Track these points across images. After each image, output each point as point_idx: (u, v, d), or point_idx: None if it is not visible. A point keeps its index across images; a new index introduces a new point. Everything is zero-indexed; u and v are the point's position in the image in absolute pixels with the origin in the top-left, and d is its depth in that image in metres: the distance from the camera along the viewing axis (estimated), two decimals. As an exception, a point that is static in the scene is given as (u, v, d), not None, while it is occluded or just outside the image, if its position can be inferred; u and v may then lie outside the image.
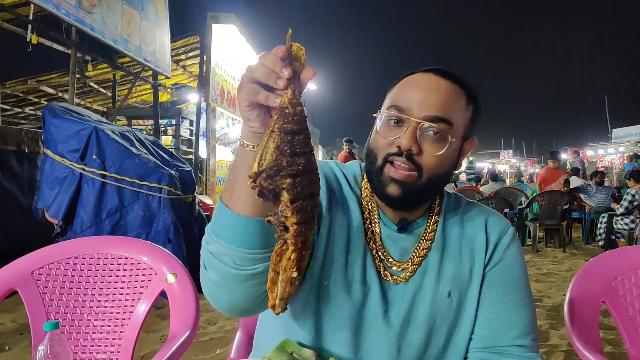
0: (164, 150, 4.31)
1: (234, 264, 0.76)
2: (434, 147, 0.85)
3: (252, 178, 0.63)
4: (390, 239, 0.94)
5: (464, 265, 0.93)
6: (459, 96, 0.88)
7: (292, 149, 0.63)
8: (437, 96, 0.85)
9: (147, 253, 1.43)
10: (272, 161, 0.62)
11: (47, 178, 3.47)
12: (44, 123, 3.54)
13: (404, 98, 0.87)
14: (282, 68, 0.65)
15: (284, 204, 0.63)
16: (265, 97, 0.66)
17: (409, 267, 0.92)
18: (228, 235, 0.75)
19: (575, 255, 6.44)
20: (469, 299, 0.92)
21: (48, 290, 1.35)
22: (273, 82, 0.65)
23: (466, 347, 0.92)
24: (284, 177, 0.62)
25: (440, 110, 0.85)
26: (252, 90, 0.67)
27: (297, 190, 0.63)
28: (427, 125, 0.84)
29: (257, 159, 0.63)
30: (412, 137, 0.83)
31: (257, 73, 0.66)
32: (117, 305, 1.38)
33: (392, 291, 0.91)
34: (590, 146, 27.06)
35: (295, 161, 0.63)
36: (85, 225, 3.42)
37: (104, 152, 3.53)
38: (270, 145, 0.63)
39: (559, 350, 2.89)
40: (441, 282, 0.91)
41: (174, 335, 1.27)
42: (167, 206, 3.65)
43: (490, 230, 0.96)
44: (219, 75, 9.90)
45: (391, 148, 0.86)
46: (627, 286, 1.31)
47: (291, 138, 0.63)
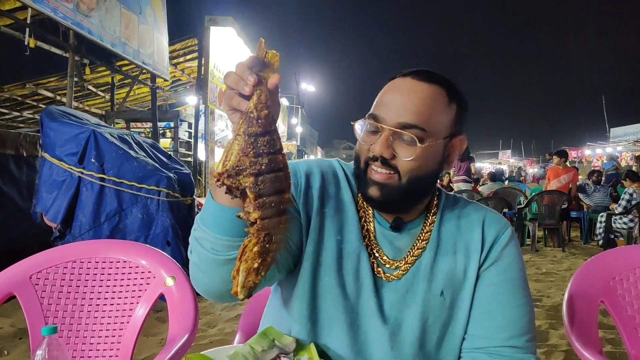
0: (162, 152, 4.30)
1: (212, 249, 0.81)
2: (406, 152, 0.87)
3: (216, 177, 0.68)
4: (385, 238, 0.95)
5: (458, 265, 0.93)
6: (438, 97, 0.88)
7: (256, 150, 0.67)
8: (410, 102, 0.86)
9: (145, 256, 1.43)
10: (235, 162, 0.67)
11: (46, 182, 3.46)
12: (42, 127, 3.54)
13: (382, 105, 0.89)
14: (248, 75, 0.69)
15: (248, 201, 0.67)
16: (237, 102, 0.70)
17: (402, 265, 0.93)
18: (210, 223, 0.81)
19: (575, 254, 6.44)
20: (463, 298, 0.92)
21: (46, 294, 1.35)
22: (241, 89, 0.69)
23: (459, 346, 0.93)
24: (246, 176, 0.67)
25: (412, 115, 0.86)
26: (229, 96, 0.71)
27: (260, 188, 0.67)
28: (398, 132, 0.86)
29: (222, 160, 0.68)
30: (384, 144, 0.86)
31: (228, 80, 0.71)
32: (116, 309, 1.38)
33: (385, 288, 0.92)
34: (588, 145, 27.11)
35: (258, 161, 0.67)
36: (84, 229, 3.41)
37: (102, 155, 3.53)
38: (235, 147, 0.68)
39: (559, 350, 2.89)
40: (434, 281, 0.92)
41: (173, 338, 1.27)
42: (166, 209, 3.65)
43: (487, 230, 0.96)
44: (217, 78, 9.90)
45: (369, 153, 0.90)
46: (625, 285, 1.31)
47: (254, 140, 0.67)
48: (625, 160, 21.34)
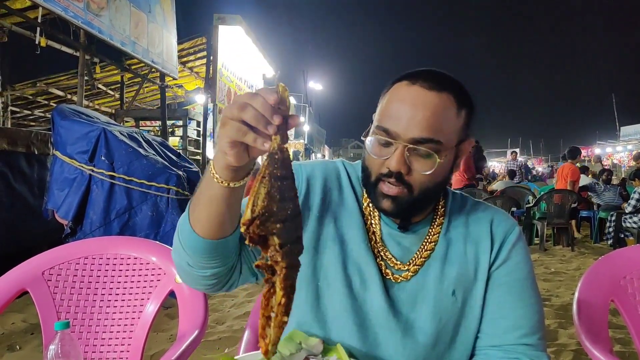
0: (171, 151, 4.33)
1: (187, 264, 0.86)
2: (423, 167, 0.85)
3: (246, 225, 0.64)
4: (392, 238, 0.95)
5: (469, 265, 0.94)
6: (448, 106, 0.85)
7: (282, 194, 0.65)
8: (423, 114, 0.83)
9: (155, 253, 1.44)
10: (264, 207, 0.64)
11: (57, 179, 3.50)
12: (53, 125, 3.58)
13: (391, 117, 0.86)
14: (272, 114, 0.65)
15: (273, 249, 0.64)
16: (253, 139, 0.66)
17: (410, 267, 0.93)
18: (185, 242, 0.83)
19: (584, 254, 6.39)
20: (474, 298, 0.93)
21: (58, 290, 1.37)
22: (263, 127, 0.66)
23: (472, 345, 0.93)
24: (274, 222, 0.64)
25: (426, 129, 0.83)
26: (240, 130, 0.67)
27: (286, 235, 0.64)
28: (414, 147, 0.84)
29: (249, 206, 0.64)
30: (400, 160, 0.84)
31: (246, 115, 0.66)
32: (127, 304, 1.39)
33: (394, 289, 0.92)
34: (598, 144, 26.83)
35: (284, 206, 0.65)
36: (95, 226, 3.44)
37: (112, 153, 3.56)
38: (261, 191, 0.64)
39: (568, 349, 2.87)
40: (445, 281, 0.92)
41: (183, 334, 1.28)
42: (176, 207, 3.67)
43: (495, 230, 0.96)
44: (225, 77, 9.94)
45: (382, 169, 0.87)
46: (636, 285, 1.30)
47: (280, 183, 0.65)
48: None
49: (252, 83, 12.53)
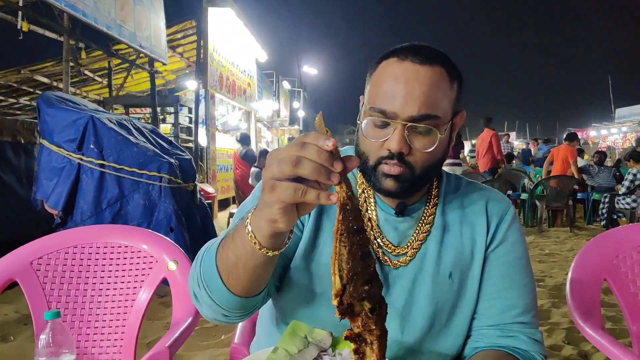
0: (162, 138, 4.28)
1: (223, 315, 0.83)
2: (425, 144, 0.83)
3: (338, 296, 0.57)
4: (389, 224, 0.93)
5: (465, 247, 0.93)
6: (442, 79, 0.83)
7: (362, 250, 0.58)
8: (418, 90, 0.81)
9: (146, 241, 1.43)
10: (350, 269, 0.57)
11: (45, 168, 3.45)
12: (39, 113, 3.51)
13: (385, 96, 0.83)
14: (332, 161, 0.57)
15: (365, 315, 0.58)
16: (316, 196, 0.57)
17: (408, 251, 0.92)
18: (221, 301, 0.79)
19: (578, 235, 6.46)
20: (471, 280, 0.93)
21: (48, 279, 1.35)
22: (325, 179, 0.57)
23: (467, 325, 0.93)
24: (362, 284, 0.57)
25: (424, 106, 0.81)
26: (297, 190, 0.57)
27: (375, 297, 0.58)
28: (414, 125, 0.82)
29: (336, 272, 0.57)
30: (400, 139, 0.81)
31: (304, 170, 0.57)
32: (119, 293, 1.38)
33: (392, 275, 0.91)
34: (593, 126, 26.90)
35: (367, 264, 0.58)
36: (86, 216, 3.41)
37: (101, 141, 3.50)
38: (343, 251, 0.57)
39: (561, 327, 2.92)
40: (442, 264, 0.92)
41: (177, 321, 1.27)
42: (168, 195, 3.64)
43: (491, 211, 0.96)
44: (217, 61, 9.82)
45: (382, 151, 0.85)
46: (629, 263, 1.31)
47: (359, 238, 0.58)
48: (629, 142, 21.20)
49: (245, 68, 12.42)
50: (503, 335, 0.90)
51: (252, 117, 13.58)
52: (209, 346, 2.70)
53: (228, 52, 10.62)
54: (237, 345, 1.27)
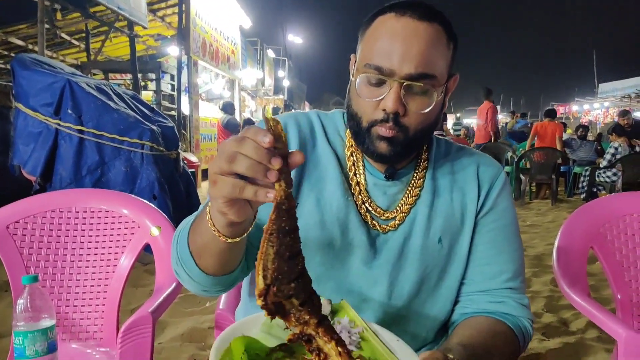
0: (144, 105, 4.16)
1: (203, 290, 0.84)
2: (421, 105, 0.81)
3: (262, 296, 0.57)
4: (377, 188, 0.91)
5: (455, 211, 0.92)
6: (440, 37, 0.81)
7: (291, 251, 0.58)
8: (417, 47, 0.78)
9: (127, 206, 1.38)
10: (274, 269, 0.57)
11: (21, 133, 3.34)
12: (13, 75, 3.37)
13: (382, 53, 0.79)
14: (270, 158, 0.55)
15: (296, 311, 0.58)
16: (253, 192, 0.57)
17: (397, 215, 0.90)
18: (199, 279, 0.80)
19: (559, 207, 6.59)
20: (460, 245, 0.92)
21: (25, 244, 1.30)
22: (262, 176, 0.56)
23: (456, 291, 0.93)
24: (288, 283, 0.58)
25: (423, 64, 0.78)
26: (235, 186, 0.57)
27: (303, 292, 0.58)
28: (411, 84, 0.79)
29: (260, 272, 0.57)
30: (397, 99, 0.78)
31: (239, 166, 0.56)
32: (100, 259, 1.35)
33: (380, 239, 0.89)
34: (576, 101, 27.11)
35: (294, 263, 0.58)
36: (65, 182, 3.33)
37: (79, 106, 3.39)
38: (270, 251, 0.57)
39: (541, 296, 2.99)
40: (431, 228, 0.90)
41: (160, 287, 1.25)
42: (150, 162, 3.57)
43: (482, 176, 0.94)
44: (199, 27, 9.55)
45: (376, 113, 0.82)
46: (615, 232, 1.32)
47: (289, 239, 0.57)
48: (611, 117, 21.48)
49: (229, 35, 12.12)
50: (492, 300, 0.90)
51: (236, 86, 13.35)
52: (193, 313, 2.70)
53: (211, 17, 10.32)
54: (222, 311, 1.26)
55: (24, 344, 0.93)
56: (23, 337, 0.93)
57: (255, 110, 17.52)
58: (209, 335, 2.38)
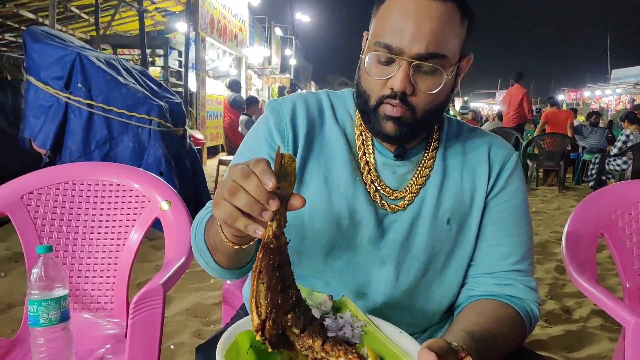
0: (152, 80, 4.14)
1: (228, 277, 0.89)
2: (429, 85, 0.80)
3: (259, 331, 0.60)
4: (387, 167, 0.91)
5: (465, 193, 0.91)
6: (453, 16, 0.79)
7: (283, 284, 0.61)
8: (428, 26, 0.76)
9: (138, 180, 1.39)
10: (267, 304, 0.60)
11: (32, 106, 3.34)
12: (25, 48, 3.35)
13: (392, 31, 0.78)
14: (268, 199, 0.58)
15: (298, 339, 0.61)
16: (244, 226, 0.60)
17: (406, 195, 0.90)
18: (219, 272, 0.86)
19: (565, 195, 6.56)
20: (469, 226, 0.91)
21: (39, 215, 1.32)
22: (257, 214, 0.59)
23: (463, 273, 0.92)
24: (284, 314, 0.61)
25: (433, 43, 0.77)
26: (230, 215, 0.60)
27: (303, 320, 0.61)
28: (421, 63, 0.78)
29: (254, 309, 0.60)
30: (405, 78, 0.78)
31: (238, 201, 0.59)
32: (111, 231, 1.36)
33: (389, 219, 0.89)
34: (588, 87, 26.62)
35: (288, 294, 0.61)
36: (74, 156, 3.34)
37: (89, 80, 3.38)
38: (261, 288, 0.60)
39: (544, 283, 3.00)
40: (440, 209, 0.90)
41: (169, 260, 1.26)
42: (158, 138, 3.57)
43: (493, 157, 0.93)
44: (208, 3, 9.43)
45: (384, 90, 0.81)
46: (627, 219, 1.31)
47: (280, 273, 0.61)
48: (623, 104, 21.15)
49: (237, 12, 11.97)
50: (498, 283, 0.89)
51: (242, 64, 13.25)
52: (198, 289, 2.73)
53: (220, -7, 10.19)
54: (229, 286, 1.27)
55: (37, 312, 0.95)
56: (37, 306, 0.95)
57: (261, 89, 17.42)
58: (214, 311, 2.42)
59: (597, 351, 2.16)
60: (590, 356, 2.12)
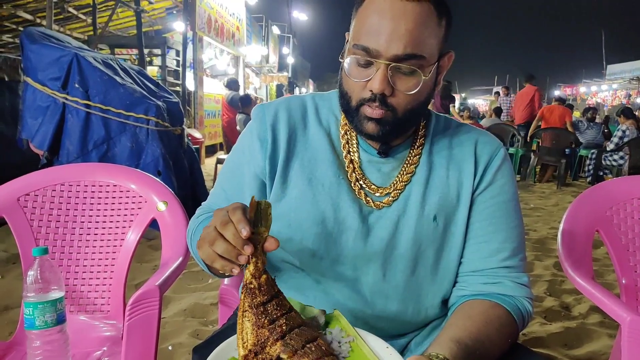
0: (150, 80, 4.14)
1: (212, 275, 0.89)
2: (408, 86, 0.80)
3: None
4: (372, 165, 0.91)
5: (451, 189, 0.91)
6: (429, 16, 0.79)
7: (269, 317, 0.65)
8: (404, 27, 0.77)
9: (135, 180, 1.39)
10: (255, 338, 0.64)
11: (30, 107, 3.34)
12: (22, 49, 3.35)
13: (370, 33, 0.79)
14: (243, 245, 0.66)
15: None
16: (221, 266, 0.69)
17: (391, 192, 0.90)
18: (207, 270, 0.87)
19: (563, 191, 6.56)
20: (457, 223, 0.91)
21: (35, 217, 1.32)
22: (234, 258, 0.67)
23: (455, 271, 0.92)
24: (272, 345, 0.64)
25: (410, 44, 0.77)
26: (210, 256, 0.69)
27: (292, 345, 0.63)
28: (398, 65, 0.78)
29: (240, 344, 0.65)
30: (383, 80, 0.79)
31: (217, 248, 0.68)
32: (108, 232, 1.36)
33: (374, 216, 0.89)
34: (584, 82, 26.67)
35: (276, 326, 0.65)
36: (72, 156, 3.34)
37: (86, 80, 3.37)
38: (247, 325, 0.65)
39: (543, 280, 3.00)
40: (426, 206, 0.89)
41: (166, 261, 1.26)
42: (155, 138, 3.57)
43: (480, 152, 0.93)
44: (205, 2, 9.42)
45: (364, 92, 0.82)
46: (622, 215, 1.31)
47: (264, 309, 0.65)
48: (619, 99, 21.19)
49: (234, 11, 11.95)
50: (487, 282, 0.88)
51: (240, 62, 13.23)
52: (196, 289, 2.73)
53: (217, -7, 10.17)
54: (226, 286, 1.27)
55: (34, 314, 0.95)
56: (33, 308, 0.95)
57: (259, 87, 17.39)
58: (212, 311, 2.42)
59: (597, 348, 2.16)
60: (589, 353, 2.12)
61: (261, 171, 0.92)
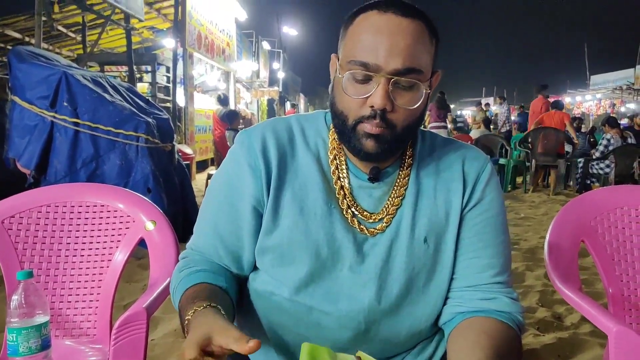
0: (139, 97, 4.14)
1: None
2: (408, 100, 0.81)
3: None
4: (362, 190, 0.90)
5: (439, 210, 0.91)
6: (423, 33, 0.81)
7: None
8: (403, 42, 0.78)
9: (123, 200, 1.38)
10: None
11: (17, 126, 3.33)
12: (10, 68, 3.36)
13: (367, 48, 0.79)
14: None
15: None
16: None
17: (384, 217, 0.89)
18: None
19: (552, 200, 6.61)
20: (446, 242, 0.91)
21: (20, 239, 1.30)
22: None
23: (446, 290, 0.91)
24: None
25: (409, 58, 0.78)
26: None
27: None
28: (399, 79, 0.79)
29: None
30: (384, 95, 0.78)
31: None
32: (95, 253, 1.34)
33: (368, 243, 0.88)
34: (568, 93, 27.15)
35: None
36: (60, 175, 3.32)
37: (75, 98, 3.38)
38: None
39: (534, 290, 3.01)
40: (416, 228, 0.89)
41: (154, 282, 1.25)
42: (145, 155, 3.56)
43: (467, 170, 0.93)
44: (195, 19, 9.48)
45: (363, 109, 0.81)
46: (606, 225, 1.32)
47: None
48: (604, 108, 21.56)
49: (224, 27, 12.03)
50: (483, 297, 0.88)
51: (231, 78, 13.29)
52: (189, 307, 2.69)
53: (207, 10, 10.25)
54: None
55: (17, 340, 0.92)
56: (17, 334, 0.92)
57: (250, 102, 17.45)
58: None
59: (589, 357, 2.16)
60: (582, 363, 2.13)
61: (258, 203, 0.89)
